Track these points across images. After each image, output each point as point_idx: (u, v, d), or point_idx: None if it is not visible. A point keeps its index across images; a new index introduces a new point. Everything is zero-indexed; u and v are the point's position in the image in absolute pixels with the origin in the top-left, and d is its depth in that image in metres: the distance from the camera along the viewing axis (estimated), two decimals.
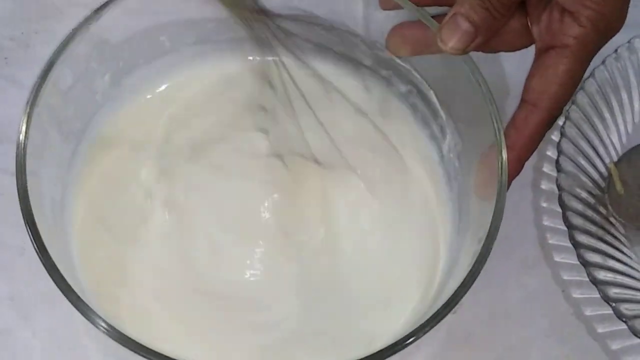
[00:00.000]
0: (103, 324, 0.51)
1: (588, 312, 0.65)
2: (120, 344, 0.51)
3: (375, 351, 0.51)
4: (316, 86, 0.68)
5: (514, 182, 0.61)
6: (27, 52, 0.72)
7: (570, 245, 0.64)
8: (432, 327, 0.52)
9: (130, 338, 0.51)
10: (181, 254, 0.61)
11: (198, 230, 0.62)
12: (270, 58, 0.68)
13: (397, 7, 0.61)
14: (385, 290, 0.61)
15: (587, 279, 0.63)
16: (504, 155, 0.56)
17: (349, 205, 0.64)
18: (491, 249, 0.55)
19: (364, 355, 0.51)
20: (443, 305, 0.53)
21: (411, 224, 0.63)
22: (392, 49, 0.64)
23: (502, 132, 0.57)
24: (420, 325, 0.52)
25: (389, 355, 0.51)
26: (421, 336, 0.52)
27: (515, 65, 0.73)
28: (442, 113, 0.64)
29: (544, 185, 0.69)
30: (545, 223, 0.68)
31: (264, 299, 0.60)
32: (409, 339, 0.52)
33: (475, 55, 0.59)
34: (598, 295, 0.63)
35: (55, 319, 0.63)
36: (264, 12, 0.64)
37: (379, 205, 0.64)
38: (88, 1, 0.61)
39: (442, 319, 0.53)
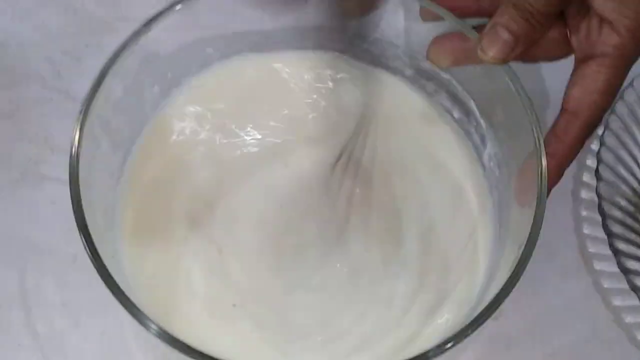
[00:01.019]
0: (154, 327, 0.52)
1: (628, 320, 0.65)
2: (171, 345, 0.51)
3: (416, 354, 0.52)
4: (360, 97, 0.69)
5: (553, 190, 0.61)
6: (79, 65, 0.73)
7: (610, 253, 0.64)
8: (472, 331, 0.52)
9: (180, 340, 0.51)
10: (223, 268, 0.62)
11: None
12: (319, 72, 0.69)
13: (437, 18, 0.62)
14: (428, 295, 0.61)
15: (628, 287, 0.63)
16: (544, 162, 0.57)
17: (392, 214, 0.64)
18: (531, 254, 0.55)
19: (406, 358, 0.51)
20: (484, 309, 0.53)
21: (452, 231, 0.64)
22: (433, 60, 0.64)
23: (542, 140, 0.58)
24: (461, 330, 0.53)
25: (431, 357, 0.52)
26: (462, 340, 0.52)
27: (554, 75, 0.73)
28: (482, 122, 0.65)
29: (584, 195, 0.70)
30: (586, 231, 0.68)
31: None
32: (449, 343, 0.52)
33: (515, 65, 0.60)
34: (638, 303, 0.63)
35: (105, 325, 0.64)
36: None
37: (422, 212, 0.64)
38: (136, 16, 0.63)
39: (482, 323, 0.53)
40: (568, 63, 0.64)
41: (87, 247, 0.54)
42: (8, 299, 0.64)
